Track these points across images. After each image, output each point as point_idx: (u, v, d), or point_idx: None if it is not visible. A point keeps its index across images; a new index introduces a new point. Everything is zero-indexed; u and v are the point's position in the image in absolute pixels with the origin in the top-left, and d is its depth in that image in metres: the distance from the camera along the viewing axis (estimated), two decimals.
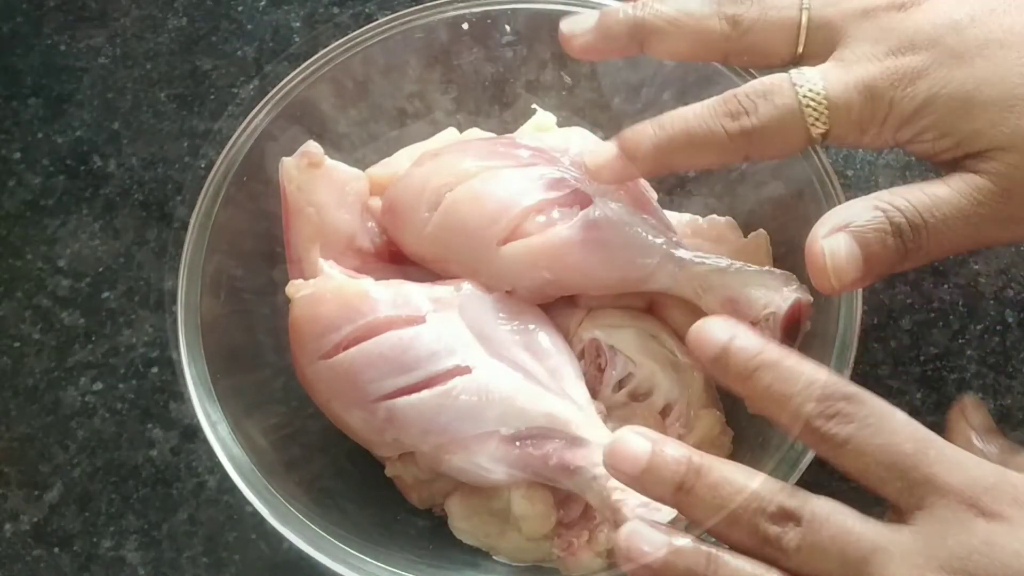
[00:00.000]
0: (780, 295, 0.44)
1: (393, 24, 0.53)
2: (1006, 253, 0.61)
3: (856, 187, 0.63)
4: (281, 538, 0.53)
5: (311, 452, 0.50)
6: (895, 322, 0.59)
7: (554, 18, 0.48)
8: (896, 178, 0.63)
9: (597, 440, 0.44)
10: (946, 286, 0.60)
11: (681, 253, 0.46)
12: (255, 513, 0.44)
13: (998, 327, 0.59)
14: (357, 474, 0.50)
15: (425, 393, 0.44)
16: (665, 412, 0.48)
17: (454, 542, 0.49)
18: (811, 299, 0.45)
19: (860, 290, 0.45)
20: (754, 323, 0.44)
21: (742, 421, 0.48)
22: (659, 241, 0.46)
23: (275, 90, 0.52)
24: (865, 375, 0.58)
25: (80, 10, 0.70)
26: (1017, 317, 0.60)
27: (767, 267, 0.47)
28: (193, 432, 0.55)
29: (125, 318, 0.60)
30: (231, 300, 0.50)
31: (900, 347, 0.59)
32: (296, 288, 0.47)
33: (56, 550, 0.55)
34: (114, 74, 0.67)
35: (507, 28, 0.52)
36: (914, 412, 0.57)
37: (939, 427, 0.57)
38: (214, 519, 0.55)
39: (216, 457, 0.45)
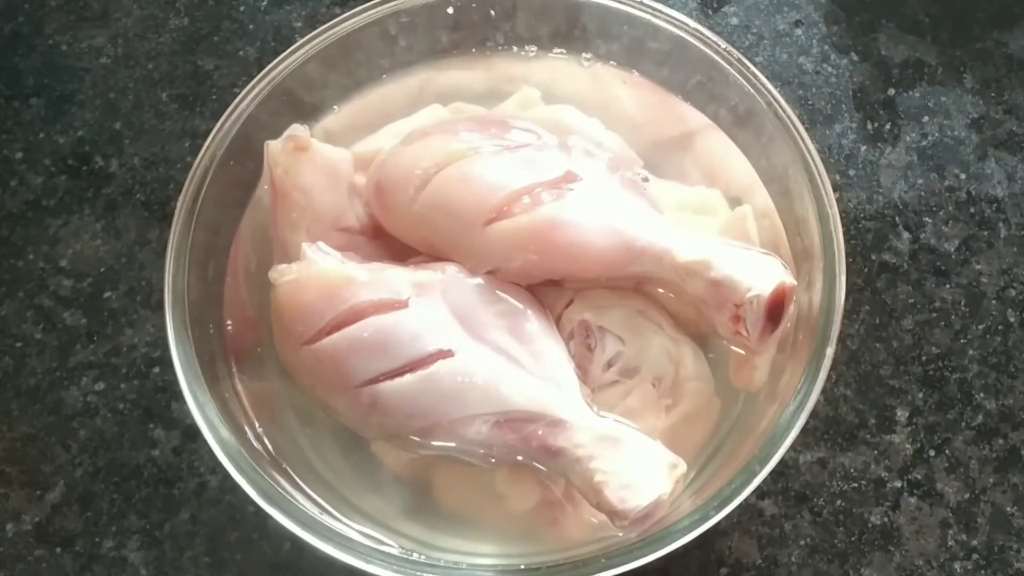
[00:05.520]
0: (764, 278, 0.45)
1: (379, 8, 0.54)
2: (1008, 253, 0.61)
3: (858, 186, 0.63)
4: (282, 538, 0.54)
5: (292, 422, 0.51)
6: (897, 322, 0.59)
7: (536, 3, 0.47)
8: (898, 177, 0.63)
9: (579, 423, 0.44)
10: (948, 286, 0.60)
11: (668, 237, 0.46)
12: (257, 513, 0.44)
13: (1000, 327, 0.59)
14: (344, 447, 0.50)
15: (408, 377, 0.44)
16: (654, 386, 0.48)
17: (439, 513, 0.49)
18: (795, 282, 0.46)
19: (843, 268, 0.46)
20: (738, 306, 0.45)
21: (729, 391, 0.49)
22: (646, 224, 0.47)
23: (260, 75, 0.52)
24: (867, 374, 0.58)
25: (82, 10, 0.70)
26: (1019, 317, 0.60)
27: (752, 249, 0.48)
28: (195, 432, 0.55)
29: (127, 318, 0.60)
30: (218, 283, 0.51)
31: (902, 347, 0.59)
32: (279, 274, 0.47)
33: (58, 550, 0.55)
34: (116, 74, 0.67)
35: (491, 13, 0.53)
36: (915, 412, 0.57)
37: (940, 427, 0.57)
38: (216, 519, 0.55)
39: (217, 457, 0.45)
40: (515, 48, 0.56)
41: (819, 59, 0.67)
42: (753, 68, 0.51)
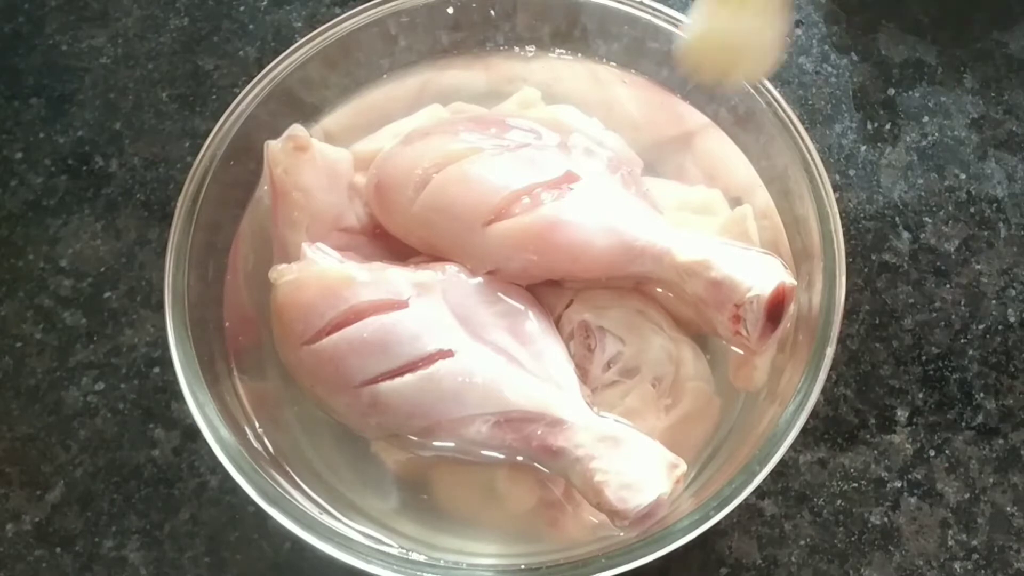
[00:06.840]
0: (764, 278, 0.45)
1: (379, 8, 0.54)
2: (1008, 253, 0.61)
3: (858, 186, 0.63)
4: (283, 538, 0.54)
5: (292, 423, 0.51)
6: (897, 322, 0.59)
7: (536, 3, 0.47)
8: (898, 177, 0.63)
9: (579, 423, 0.44)
10: (948, 286, 0.60)
11: (668, 237, 0.46)
12: (257, 513, 0.44)
13: (1000, 327, 0.59)
14: (344, 447, 0.50)
15: (408, 377, 0.44)
16: (654, 386, 0.48)
17: (439, 513, 0.49)
18: (795, 283, 0.46)
19: (843, 268, 0.46)
20: (738, 306, 0.45)
21: (729, 391, 0.49)
22: (646, 224, 0.47)
23: (260, 75, 0.52)
24: (867, 375, 0.58)
25: (82, 10, 0.70)
26: (1019, 317, 0.60)
27: (752, 249, 0.48)
28: (195, 432, 0.55)
29: (127, 318, 0.60)
30: (218, 283, 0.51)
31: (902, 347, 0.59)
32: (279, 273, 0.47)
33: (58, 550, 0.55)
34: (116, 74, 0.67)
35: (491, 13, 0.53)
36: (916, 412, 0.57)
37: (940, 427, 0.57)
38: (216, 519, 0.55)
39: (217, 457, 0.45)
40: (515, 48, 0.56)
41: (819, 59, 0.67)
42: None
